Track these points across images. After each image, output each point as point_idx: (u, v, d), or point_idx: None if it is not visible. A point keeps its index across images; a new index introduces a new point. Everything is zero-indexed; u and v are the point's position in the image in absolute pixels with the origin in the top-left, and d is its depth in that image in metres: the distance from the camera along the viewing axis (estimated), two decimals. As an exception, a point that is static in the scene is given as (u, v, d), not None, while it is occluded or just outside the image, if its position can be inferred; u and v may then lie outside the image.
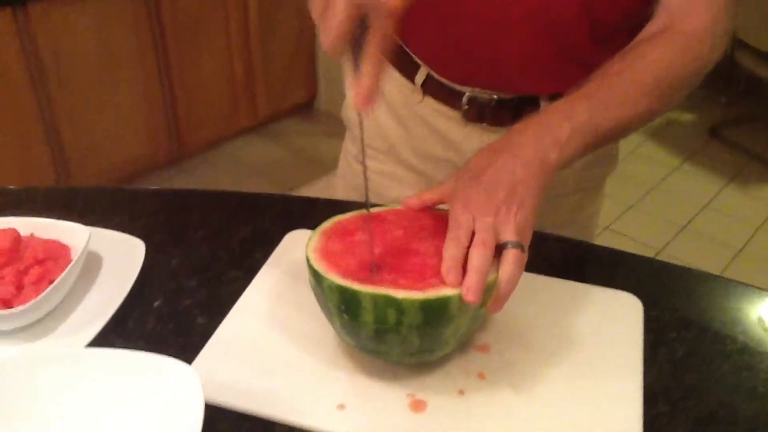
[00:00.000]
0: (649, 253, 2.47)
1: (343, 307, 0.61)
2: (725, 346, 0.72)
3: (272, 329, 0.72)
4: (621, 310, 0.75)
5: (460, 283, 0.59)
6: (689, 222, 2.69)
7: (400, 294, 0.58)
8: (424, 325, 0.59)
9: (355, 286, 0.59)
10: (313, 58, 3.21)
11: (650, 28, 0.77)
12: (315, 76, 3.27)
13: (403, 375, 0.67)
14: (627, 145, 3.16)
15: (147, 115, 2.64)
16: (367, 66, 0.55)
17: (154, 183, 2.81)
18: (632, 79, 0.72)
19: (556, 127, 0.68)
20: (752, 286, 0.81)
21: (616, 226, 2.64)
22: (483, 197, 0.64)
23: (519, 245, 0.62)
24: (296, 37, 3.08)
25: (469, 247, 0.62)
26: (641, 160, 3.09)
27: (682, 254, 2.51)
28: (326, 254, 0.64)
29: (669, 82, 0.73)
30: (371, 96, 0.56)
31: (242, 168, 2.96)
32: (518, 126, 0.70)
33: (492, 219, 0.62)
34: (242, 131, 3.09)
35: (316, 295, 0.65)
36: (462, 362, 0.68)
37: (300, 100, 3.26)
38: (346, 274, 0.61)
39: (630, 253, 0.86)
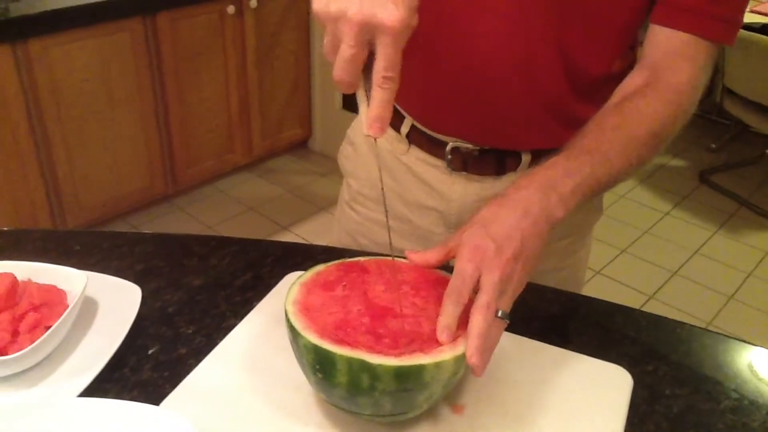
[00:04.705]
0: (639, 299, 2.50)
1: (318, 367, 0.60)
2: (719, 404, 0.73)
3: (248, 375, 0.71)
4: (608, 382, 0.72)
5: (452, 341, 0.60)
6: (680, 268, 2.70)
7: (374, 360, 0.58)
8: (398, 391, 0.59)
9: (330, 347, 0.59)
10: (309, 97, 3.25)
11: (633, 80, 0.80)
12: (310, 116, 3.30)
13: (375, 431, 0.66)
14: (618, 190, 3.19)
15: (143, 151, 2.65)
16: (376, 93, 0.58)
17: (149, 219, 2.81)
18: (629, 133, 0.75)
19: (560, 183, 0.69)
20: (744, 340, 0.82)
21: (607, 271, 2.65)
22: (492, 250, 0.63)
23: (507, 317, 0.63)
24: (293, 76, 3.12)
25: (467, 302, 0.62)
26: (632, 205, 3.12)
27: (672, 300, 2.51)
28: (305, 308, 0.64)
29: (660, 136, 0.77)
30: (382, 122, 0.59)
31: (236, 205, 2.97)
32: (522, 181, 0.71)
33: (498, 278, 0.62)
34: (237, 168, 3.10)
35: (293, 349, 0.65)
36: (433, 422, 0.67)
37: (295, 139, 3.29)
38: (322, 332, 0.61)
39: (623, 306, 0.86)
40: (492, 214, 0.67)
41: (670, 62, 0.79)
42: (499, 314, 0.62)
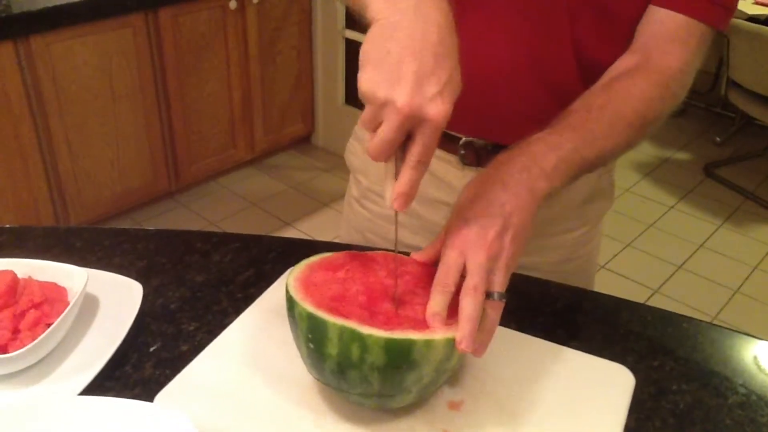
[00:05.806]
0: (644, 293, 2.49)
1: (310, 336, 0.61)
2: (726, 399, 0.72)
3: (245, 369, 0.71)
4: (608, 381, 0.71)
5: (444, 329, 0.60)
6: (685, 261, 2.69)
7: (365, 330, 0.58)
8: (386, 367, 0.59)
9: (324, 315, 0.60)
10: (312, 92, 3.24)
11: (623, 63, 0.80)
12: (313, 111, 3.29)
13: (369, 424, 0.65)
14: (623, 183, 3.18)
15: (145, 147, 2.65)
16: (406, 173, 0.58)
17: (151, 215, 2.81)
18: (615, 112, 0.75)
19: (542, 157, 0.68)
20: (751, 335, 0.81)
21: (612, 266, 2.64)
22: (474, 232, 0.63)
23: (503, 297, 0.62)
24: (295, 71, 3.11)
25: (456, 288, 0.61)
26: (637, 199, 3.11)
27: (678, 294, 2.50)
28: (305, 284, 0.65)
29: (647, 117, 0.77)
30: (408, 199, 0.59)
31: (239, 201, 2.97)
32: (503, 156, 0.70)
33: (484, 259, 0.61)
34: (240, 164, 3.10)
35: (290, 323, 0.66)
36: (430, 417, 0.66)
37: (298, 134, 3.28)
38: (319, 303, 0.62)
39: (629, 301, 0.85)
40: (472, 194, 0.67)
41: (662, 45, 0.79)
42: (495, 296, 0.61)
